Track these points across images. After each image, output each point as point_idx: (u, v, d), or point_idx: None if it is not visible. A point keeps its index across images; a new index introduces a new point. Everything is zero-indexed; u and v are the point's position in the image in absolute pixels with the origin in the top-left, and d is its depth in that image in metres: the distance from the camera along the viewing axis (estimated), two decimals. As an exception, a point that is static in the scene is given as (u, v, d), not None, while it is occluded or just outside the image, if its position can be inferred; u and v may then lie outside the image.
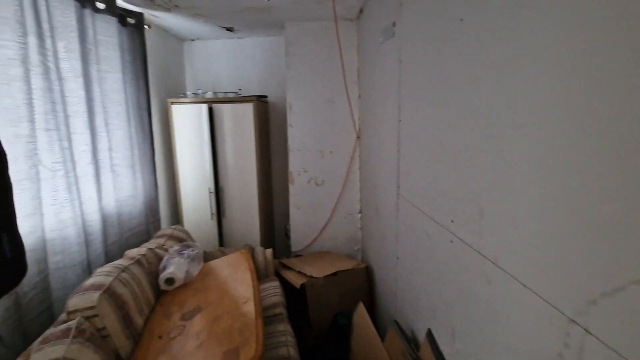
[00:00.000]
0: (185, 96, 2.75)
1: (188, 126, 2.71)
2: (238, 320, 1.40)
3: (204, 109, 2.67)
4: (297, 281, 2.23)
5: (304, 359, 1.83)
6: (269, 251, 2.45)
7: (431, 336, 1.27)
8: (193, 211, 2.84)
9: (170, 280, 1.78)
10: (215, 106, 2.69)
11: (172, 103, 2.70)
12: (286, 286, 2.31)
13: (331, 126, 2.71)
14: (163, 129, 2.78)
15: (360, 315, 1.87)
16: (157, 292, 1.79)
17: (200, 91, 2.86)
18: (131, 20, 2.19)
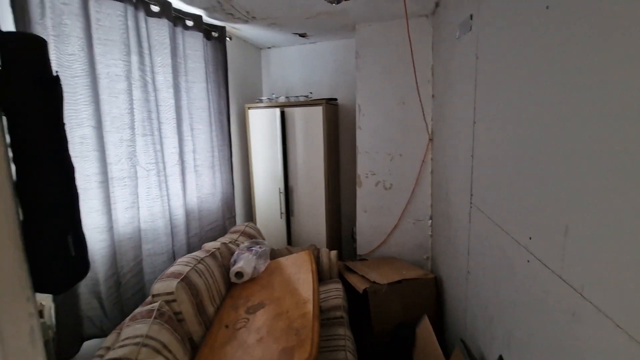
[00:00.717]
0: (260, 101, 2.93)
1: (262, 129, 2.88)
2: (296, 320, 1.44)
3: (277, 113, 2.81)
4: (360, 286, 2.19)
5: (363, 367, 1.80)
6: (334, 253, 2.46)
7: (503, 365, 1.13)
8: (264, 209, 3.00)
9: (239, 274, 1.91)
10: (287, 110, 2.81)
11: (249, 108, 2.89)
12: (349, 290, 2.30)
13: (401, 128, 2.61)
14: (240, 132, 3.00)
15: (424, 329, 1.76)
16: (228, 284, 1.93)
17: (274, 96, 3.01)
18: (215, 33, 2.41)
